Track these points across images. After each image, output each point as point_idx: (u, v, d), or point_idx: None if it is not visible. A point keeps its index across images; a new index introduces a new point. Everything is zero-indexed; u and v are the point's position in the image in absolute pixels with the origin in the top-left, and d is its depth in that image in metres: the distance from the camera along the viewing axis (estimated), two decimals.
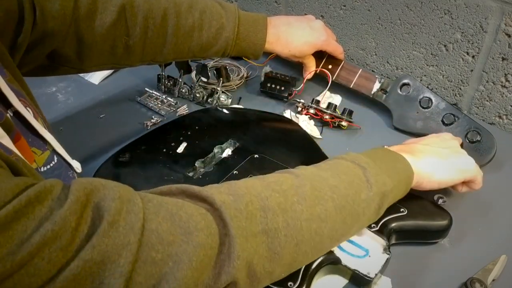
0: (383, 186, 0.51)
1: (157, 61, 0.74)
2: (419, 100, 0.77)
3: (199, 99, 0.85)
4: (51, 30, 0.58)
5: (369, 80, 0.83)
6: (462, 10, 0.78)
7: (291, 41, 0.79)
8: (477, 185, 0.61)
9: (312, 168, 0.52)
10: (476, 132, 0.71)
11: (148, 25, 0.67)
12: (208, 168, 0.66)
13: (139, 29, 0.67)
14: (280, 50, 0.80)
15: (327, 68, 0.86)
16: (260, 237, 0.42)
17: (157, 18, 0.67)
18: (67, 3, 0.59)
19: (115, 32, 0.65)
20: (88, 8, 0.62)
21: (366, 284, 0.53)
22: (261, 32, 0.76)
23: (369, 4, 0.90)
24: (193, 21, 0.70)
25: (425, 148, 0.60)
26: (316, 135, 0.77)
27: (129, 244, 0.35)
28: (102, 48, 0.65)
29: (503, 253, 0.58)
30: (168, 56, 0.72)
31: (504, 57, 0.76)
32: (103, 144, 0.76)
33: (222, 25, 0.72)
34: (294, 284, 0.50)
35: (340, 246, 0.55)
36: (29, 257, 0.32)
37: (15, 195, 0.32)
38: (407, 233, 0.59)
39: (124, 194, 0.38)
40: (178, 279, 0.37)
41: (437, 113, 0.75)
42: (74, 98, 0.88)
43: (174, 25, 0.69)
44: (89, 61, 0.66)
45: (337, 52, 0.85)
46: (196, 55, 0.75)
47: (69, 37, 0.61)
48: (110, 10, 0.63)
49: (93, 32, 0.63)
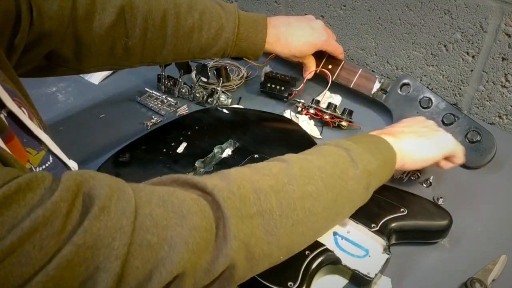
0: (368, 164, 0.52)
1: (156, 62, 0.74)
2: (419, 100, 0.77)
3: (199, 99, 0.85)
4: (49, 30, 0.58)
5: (369, 80, 0.83)
6: (462, 10, 0.78)
7: (291, 41, 0.79)
8: (459, 159, 0.63)
9: (298, 154, 0.53)
10: (476, 132, 0.71)
11: (148, 26, 0.67)
12: (208, 168, 0.66)
13: (139, 30, 0.66)
14: (280, 50, 0.80)
15: (327, 68, 0.86)
16: (255, 219, 0.42)
17: (156, 19, 0.67)
18: (65, 4, 0.59)
19: (114, 33, 0.65)
20: (87, 9, 0.61)
21: (366, 284, 0.53)
22: (261, 33, 0.76)
23: (369, 4, 0.90)
24: (192, 22, 0.70)
25: (404, 129, 0.61)
26: (316, 135, 0.77)
27: (122, 227, 0.35)
28: (101, 49, 0.65)
29: (503, 253, 0.58)
30: (167, 57, 0.72)
31: (504, 57, 0.76)
32: (103, 144, 0.76)
33: (222, 26, 0.72)
34: (294, 284, 0.50)
35: (340, 246, 0.55)
36: (19, 243, 0.31)
37: (6, 181, 0.32)
38: (407, 233, 0.59)
39: (115, 183, 0.38)
40: (175, 263, 0.37)
41: (437, 113, 0.75)
42: (74, 98, 0.88)
43: (174, 26, 0.69)
44: (88, 62, 0.66)
45: (337, 52, 0.85)
46: (195, 56, 0.75)
47: (67, 38, 0.61)
48: (109, 11, 0.63)
49: (92, 33, 0.63)
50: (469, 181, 0.69)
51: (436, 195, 0.66)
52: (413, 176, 0.69)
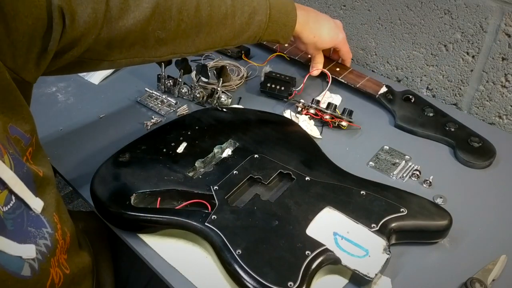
0: None
1: (188, 53, 0.72)
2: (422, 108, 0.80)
3: (199, 99, 0.85)
4: (81, 35, 0.56)
5: (376, 85, 0.84)
6: (462, 10, 0.78)
7: (317, 28, 0.80)
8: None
9: None
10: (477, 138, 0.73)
11: (182, 17, 0.65)
12: (208, 168, 0.66)
13: (173, 23, 0.65)
14: (306, 35, 0.80)
15: (335, 71, 0.88)
16: None
17: (190, 9, 0.66)
18: (99, 6, 0.57)
19: (148, 28, 0.63)
20: (120, 7, 0.59)
21: (366, 284, 0.53)
22: (292, 13, 0.76)
23: (369, 4, 0.90)
24: (226, 9, 0.69)
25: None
26: (316, 135, 0.77)
27: None
28: (134, 41, 0.63)
29: (503, 253, 0.58)
30: (200, 46, 0.70)
31: (504, 57, 0.76)
32: (103, 144, 0.76)
33: (254, 9, 0.71)
34: (294, 284, 0.50)
35: (340, 246, 0.55)
36: None
37: None
38: (407, 233, 0.59)
39: None
40: None
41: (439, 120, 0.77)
42: (74, 98, 0.89)
43: (208, 15, 0.67)
44: (119, 53, 0.63)
45: (348, 54, 0.87)
46: (227, 43, 0.73)
47: (100, 37, 0.59)
48: (143, 7, 0.61)
49: (126, 30, 0.61)
50: (469, 181, 0.69)
51: (436, 195, 0.66)
52: (413, 176, 0.69)
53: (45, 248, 0.49)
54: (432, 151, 0.74)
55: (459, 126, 0.76)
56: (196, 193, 0.62)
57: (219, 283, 0.56)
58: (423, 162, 0.71)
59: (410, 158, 0.72)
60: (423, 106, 0.80)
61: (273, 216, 0.58)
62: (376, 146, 0.75)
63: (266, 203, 0.60)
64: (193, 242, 0.60)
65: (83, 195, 0.68)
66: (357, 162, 0.72)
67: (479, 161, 0.70)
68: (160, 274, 0.58)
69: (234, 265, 0.53)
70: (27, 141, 0.51)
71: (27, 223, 0.48)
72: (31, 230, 0.48)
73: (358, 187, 0.62)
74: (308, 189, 0.62)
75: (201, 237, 0.58)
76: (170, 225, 0.59)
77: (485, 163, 0.71)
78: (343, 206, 0.59)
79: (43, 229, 0.50)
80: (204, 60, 0.98)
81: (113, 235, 0.64)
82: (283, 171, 0.65)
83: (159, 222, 0.60)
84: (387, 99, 0.82)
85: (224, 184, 0.63)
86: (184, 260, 0.59)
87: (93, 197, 0.63)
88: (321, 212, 0.59)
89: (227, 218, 0.58)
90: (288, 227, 0.57)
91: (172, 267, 0.58)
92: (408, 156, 0.73)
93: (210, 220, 0.57)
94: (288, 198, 0.61)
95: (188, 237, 0.60)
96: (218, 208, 0.59)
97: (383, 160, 0.72)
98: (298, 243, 0.55)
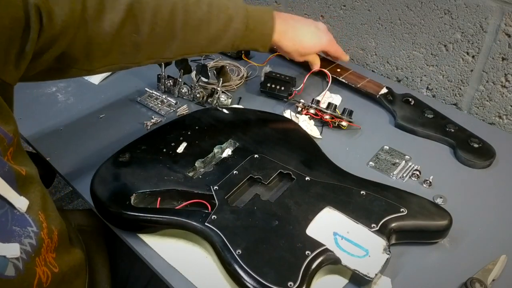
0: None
1: (165, 58, 0.73)
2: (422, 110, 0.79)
3: (199, 99, 0.85)
4: (59, 34, 0.57)
5: (376, 86, 0.85)
6: (462, 10, 0.78)
7: (297, 36, 0.79)
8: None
9: None
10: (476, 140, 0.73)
11: (157, 21, 0.66)
12: (208, 168, 0.66)
13: (148, 26, 0.65)
14: (286, 44, 0.79)
15: (335, 72, 0.88)
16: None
17: (165, 13, 0.66)
18: (75, 6, 0.58)
19: (124, 31, 0.64)
20: (96, 8, 0.60)
21: (366, 284, 0.53)
22: (270, 22, 0.75)
23: (369, 4, 0.90)
24: (201, 14, 0.69)
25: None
26: (316, 135, 0.77)
27: None
28: (111, 47, 0.64)
29: (503, 253, 0.58)
30: (176, 52, 0.71)
31: (504, 57, 0.76)
32: (103, 144, 0.76)
33: (230, 17, 0.71)
34: (294, 284, 0.50)
35: (340, 246, 0.55)
36: None
37: None
38: (407, 233, 0.59)
39: None
40: None
41: (438, 122, 0.77)
42: (74, 98, 0.89)
43: (183, 19, 0.68)
44: (98, 61, 0.65)
45: (338, 52, 0.86)
46: (204, 49, 0.73)
47: (77, 39, 0.60)
48: (118, 8, 0.62)
49: (102, 32, 0.62)
50: (469, 181, 0.69)
51: (436, 195, 0.66)
52: (413, 176, 0.69)
53: (30, 247, 0.49)
54: (432, 151, 0.74)
55: (459, 128, 0.76)
56: (196, 193, 0.62)
57: (219, 283, 0.56)
58: (423, 162, 0.71)
59: (410, 158, 0.72)
60: (422, 108, 0.80)
61: (273, 216, 0.58)
62: (376, 146, 0.75)
63: (266, 203, 0.60)
64: (193, 242, 0.60)
65: (83, 195, 0.68)
66: (357, 162, 0.72)
67: (480, 160, 0.71)
68: (160, 274, 0.58)
69: (234, 265, 0.53)
70: (10, 141, 0.51)
71: (12, 222, 0.48)
72: (15, 229, 0.48)
73: (358, 187, 0.62)
74: (308, 189, 0.62)
75: (201, 237, 0.58)
76: (170, 225, 0.59)
77: (486, 162, 0.71)
78: (343, 206, 0.59)
79: (28, 228, 0.49)
80: (204, 60, 0.98)
81: (112, 235, 0.64)
82: (283, 171, 0.65)
83: (159, 222, 0.60)
84: (387, 99, 0.82)
85: (224, 184, 0.63)
86: (184, 260, 0.59)
87: (93, 197, 0.63)
88: (321, 212, 0.59)
89: (227, 218, 0.58)
90: (288, 227, 0.57)
91: (172, 267, 0.58)
92: (408, 156, 0.73)
93: (210, 220, 0.57)
94: (288, 198, 0.61)
95: (188, 237, 0.60)
96: (218, 208, 0.59)
97: (383, 160, 0.72)
98: (298, 243, 0.55)
